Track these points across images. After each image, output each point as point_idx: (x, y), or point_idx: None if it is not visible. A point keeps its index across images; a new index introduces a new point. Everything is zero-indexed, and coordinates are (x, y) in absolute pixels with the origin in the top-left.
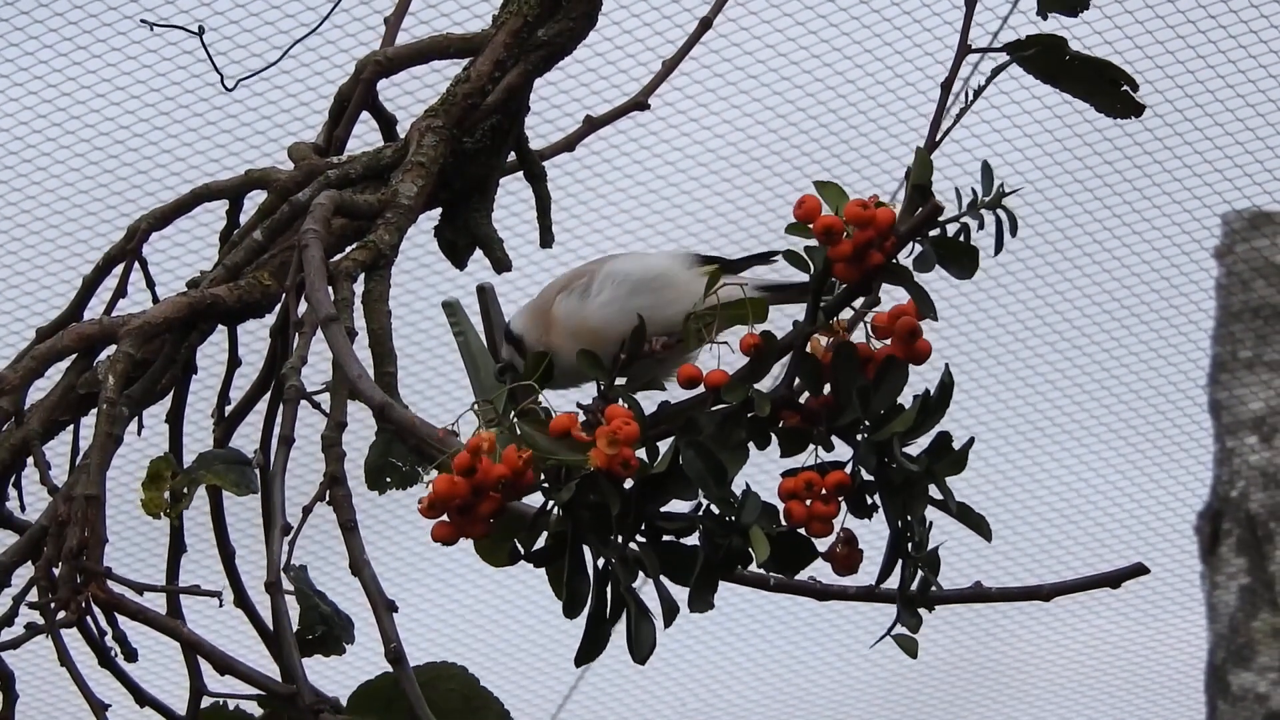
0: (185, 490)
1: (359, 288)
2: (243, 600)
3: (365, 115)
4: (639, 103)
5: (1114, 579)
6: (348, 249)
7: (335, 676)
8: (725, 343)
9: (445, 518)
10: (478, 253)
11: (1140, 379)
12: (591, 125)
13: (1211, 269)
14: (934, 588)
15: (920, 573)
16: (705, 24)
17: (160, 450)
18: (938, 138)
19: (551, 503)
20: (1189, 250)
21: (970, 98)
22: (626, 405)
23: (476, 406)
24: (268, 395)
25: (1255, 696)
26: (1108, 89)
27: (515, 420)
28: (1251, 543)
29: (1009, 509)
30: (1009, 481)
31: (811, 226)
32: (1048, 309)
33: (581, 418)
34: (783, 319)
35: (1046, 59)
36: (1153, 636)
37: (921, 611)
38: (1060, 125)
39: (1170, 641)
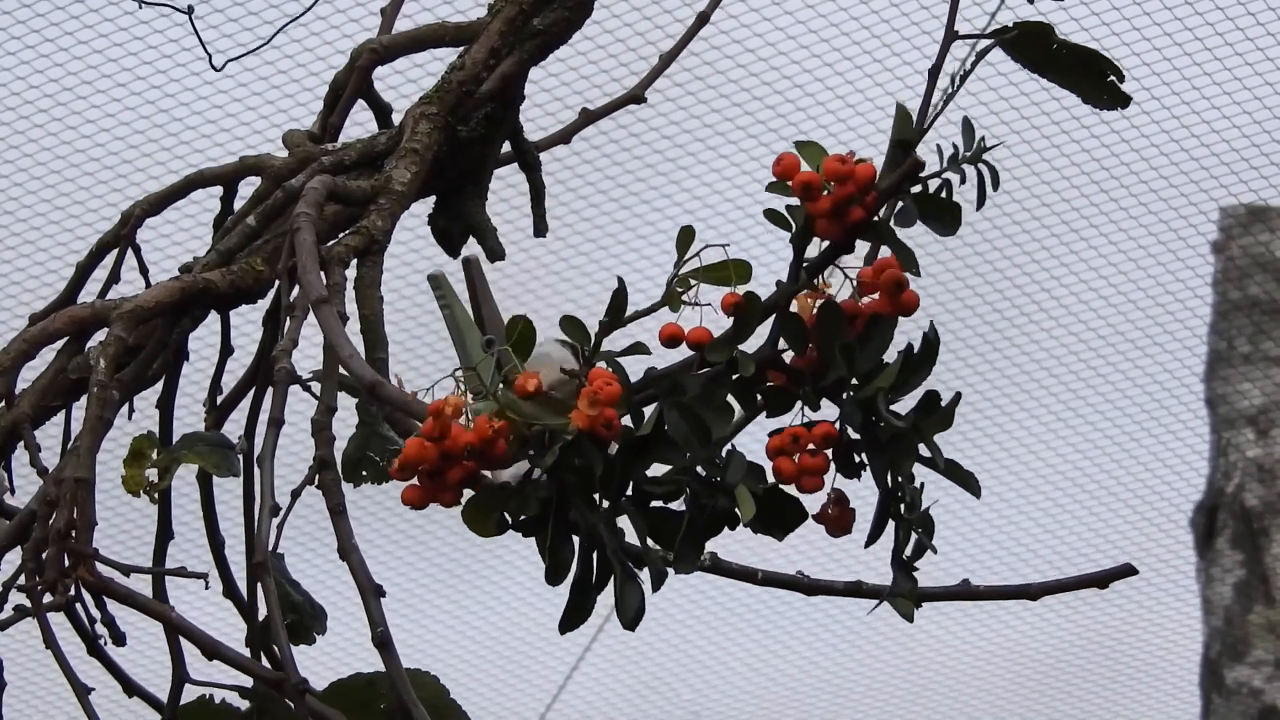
0: (167, 469)
1: (351, 273)
2: (231, 590)
3: (361, 103)
4: (635, 96)
5: (1102, 579)
6: (340, 235)
7: (313, 666)
8: (709, 304)
9: (415, 482)
10: (471, 241)
11: (1136, 372)
12: (588, 118)
13: (1209, 262)
14: (929, 549)
15: (914, 535)
16: (703, 19)
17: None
18: (926, 124)
19: (537, 469)
20: (1183, 251)
21: (957, 84)
22: (610, 368)
23: (460, 374)
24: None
25: (1250, 691)
26: (1094, 79)
27: (500, 388)
28: (1247, 537)
29: (1003, 497)
30: (1004, 469)
31: (790, 183)
32: (1039, 305)
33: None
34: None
35: (1032, 46)
36: (1147, 630)
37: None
38: (1059, 109)
39: (1165, 635)
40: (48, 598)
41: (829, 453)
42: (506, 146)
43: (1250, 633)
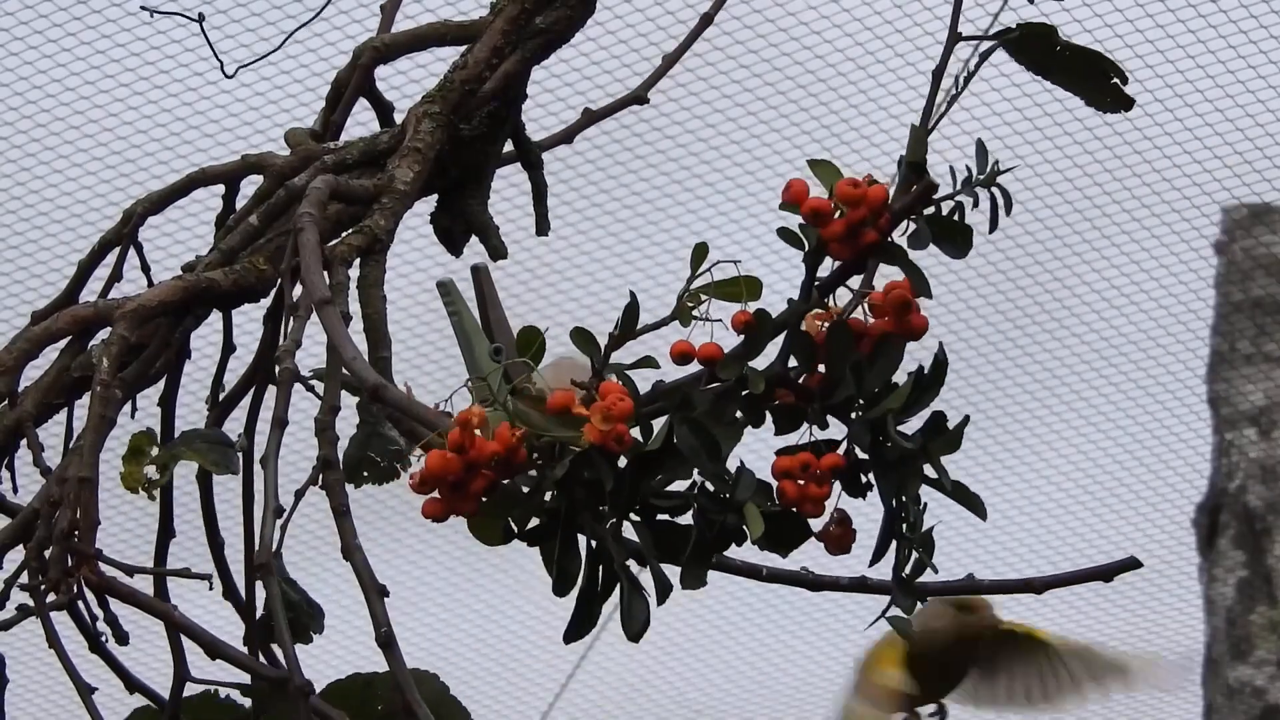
0: (165, 466)
1: (354, 273)
2: (231, 593)
3: (363, 102)
4: (639, 97)
5: (1107, 572)
6: (343, 234)
7: (309, 665)
8: (720, 319)
9: (436, 494)
10: (474, 239)
11: (1139, 373)
12: (590, 118)
13: (1211, 262)
14: (929, 568)
15: (915, 554)
16: (707, 20)
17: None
18: (930, 126)
19: (545, 480)
20: (1185, 252)
21: (960, 85)
22: (621, 383)
23: (470, 384)
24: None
25: (1253, 690)
26: (1098, 81)
27: (510, 398)
28: (1249, 536)
29: (1006, 498)
30: (1006, 470)
31: (800, 210)
32: (1041, 306)
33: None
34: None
35: (1035, 47)
36: (1149, 630)
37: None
38: (1060, 109)
39: (1167, 635)
40: (51, 597)
41: (834, 481)
42: (509, 146)
43: (1252, 632)
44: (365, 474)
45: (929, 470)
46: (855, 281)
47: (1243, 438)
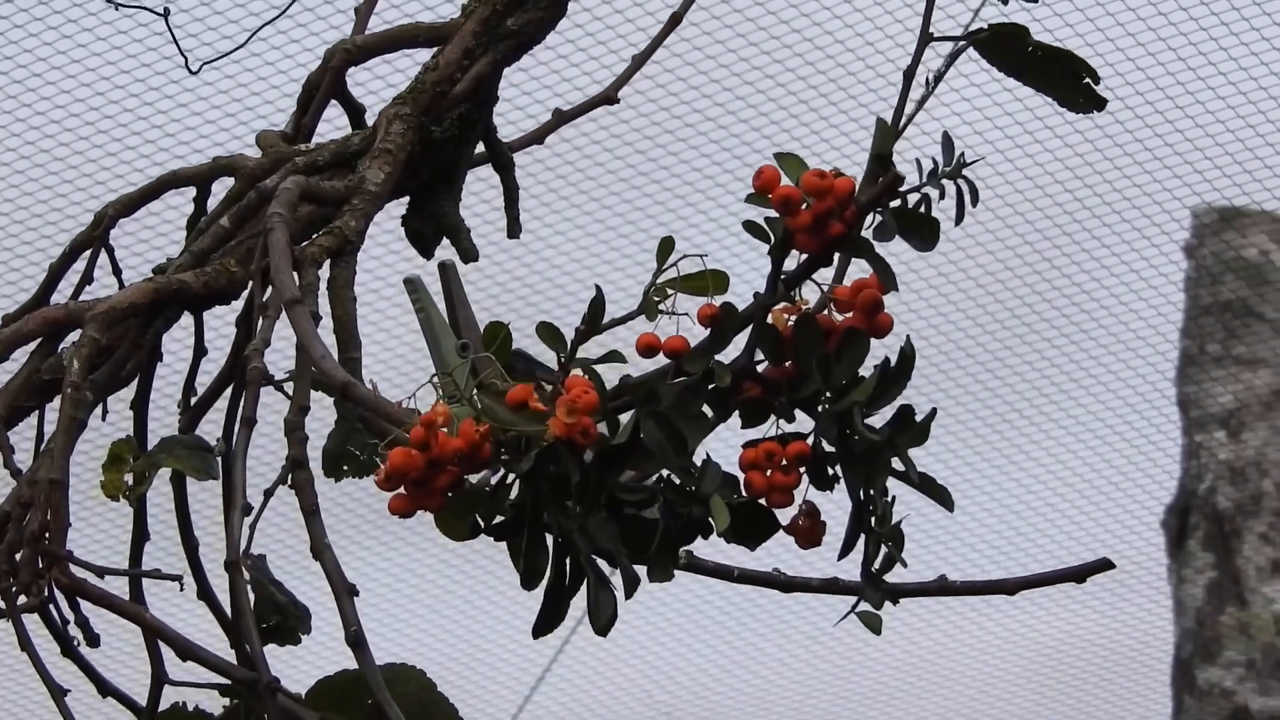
0: (145, 473)
1: (325, 274)
2: (206, 592)
3: (334, 103)
4: (608, 97)
5: (1079, 574)
6: (314, 236)
7: (303, 665)
8: (686, 314)
9: (402, 490)
10: (445, 241)
11: (1109, 376)
12: (560, 118)
13: (1181, 263)
14: (899, 562)
15: (884, 548)
16: (675, 19)
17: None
18: (901, 125)
19: (511, 475)
20: (1155, 256)
21: (931, 84)
22: (586, 376)
23: (436, 380)
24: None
25: (1221, 691)
26: (1069, 82)
27: (476, 393)
28: (1219, 538)
29: (975, 500)
30: (976, 473)
31: (770, 197)
32: (1010, 310)
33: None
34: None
35: (1006, 48)
36: (1119, 631)
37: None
38: (1030, 116)
39: (1137, 636)
40: (22, 599)
41: (801, 470)
42: (480, 148)
43: (1222, 634)
44: (345, 468)
45: (896, 463)
46: (822, 276)
47: (1212, 440)
